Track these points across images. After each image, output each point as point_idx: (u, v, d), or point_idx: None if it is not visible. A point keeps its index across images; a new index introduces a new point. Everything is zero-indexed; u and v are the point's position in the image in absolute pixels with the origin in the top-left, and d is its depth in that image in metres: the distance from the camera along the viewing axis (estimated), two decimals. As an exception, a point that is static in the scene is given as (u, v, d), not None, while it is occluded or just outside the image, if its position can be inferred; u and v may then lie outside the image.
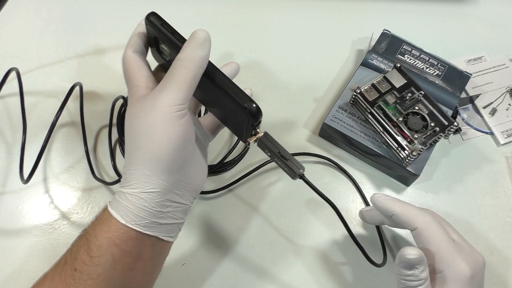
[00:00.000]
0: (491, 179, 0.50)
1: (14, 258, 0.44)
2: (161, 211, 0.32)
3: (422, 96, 0.47)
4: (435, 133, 0.45)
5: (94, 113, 0.52)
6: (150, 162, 0.31)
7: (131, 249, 0.31)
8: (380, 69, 0.52)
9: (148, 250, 0.32)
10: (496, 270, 0.45)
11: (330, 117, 0.49)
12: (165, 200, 0.32)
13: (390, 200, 0.37)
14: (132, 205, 0.31)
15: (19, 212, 0.46)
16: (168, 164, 0.31)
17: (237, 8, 0.62)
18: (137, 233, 0.31)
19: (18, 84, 0.47)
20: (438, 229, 0.34)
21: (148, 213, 0.31)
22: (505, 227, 0.47)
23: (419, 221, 0.34)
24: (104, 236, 0.31)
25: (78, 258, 0.31)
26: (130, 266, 0.32)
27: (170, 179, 0.32)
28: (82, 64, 0.56)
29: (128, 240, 0.31)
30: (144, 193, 0.31)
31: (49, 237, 0.45)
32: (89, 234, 0.32)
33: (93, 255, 0.31)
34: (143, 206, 0.31)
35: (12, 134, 0.50)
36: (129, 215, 0.31)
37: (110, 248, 0.31)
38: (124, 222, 0.31)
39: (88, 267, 0.31)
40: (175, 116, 0.31)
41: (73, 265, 0.31)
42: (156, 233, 0.32)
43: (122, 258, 0.31)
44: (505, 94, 0.55)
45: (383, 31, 0.55)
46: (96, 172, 0.47)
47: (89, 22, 0.59)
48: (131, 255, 0.32)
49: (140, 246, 0.32)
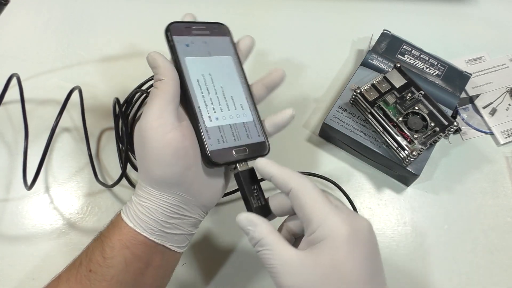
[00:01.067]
0: (491, 179, 0.50)
1: (15, 257, 0.44)
2: (167, 222, 0.33)
3: (422, 96, 0.47)
4: (435, 133, 0.45)
5: (95, 115, 0.51)
6: (149, 180, 0.33)
7: (141, 253, 0.33)
8: (380, 69, 0.52)
9: (157, 258, 0.34)
10: (496, 270, 0.45)
11: (330, 117, 0.49)
12: (170, 212, 0.33)
13: (270, 163, 0.33)
14: (140, 213, 0.33)
15: (20, 211, 0.46)
16: (166, 178, 0.33)
17: (237, 9, 0.62)
18: (145, 239, 0.33)
19: (19, 91, 0.47)
20: (313, 190, 0.31)
21: (154, 222, 0.33)
22: (505, 227, 0.47)
23: (295, 182, 0.31)
24: (117, 239, 0.33)
25: (93, 259, 0.32)
26: (141, 271, 0.33)
27: (172, 193, 0.33)
28: (82, 64, 0.56)
29: (138, 245, 0.32)
30: (149, 204, 0.33)
31: (49, 237, 0.45)
32: (103, 236, 0.34)
33: (107, 256, 0.32)
34: (149, 215, 0.33)
35: (14, 139, 0.50)
36: (137, 221, 0.33)
37: (122, 250, 0.32)
38: (133, 226, 0.33)
39: (102, 268, 0.32)
40: (158, 134, 0.32)
41: (88, 266, 0.32)
42: (163, 242, 0.33)
43: (133, 262, 0.32)
44: (505, 94, 0.55)
45: (383, 31, 0.55)
46: (99, 175, 0.47)
47: (89, 22, 0.59)
48: (142, 260, 0.33)
49: (150, 253, 0.33)
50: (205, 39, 0.38)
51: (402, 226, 0.47)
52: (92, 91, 0.53)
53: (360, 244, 0.29)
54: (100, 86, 0.54)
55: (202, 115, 0.34)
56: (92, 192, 0.48)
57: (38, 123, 0.50)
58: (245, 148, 0.35)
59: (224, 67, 0.37)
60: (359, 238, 0.29)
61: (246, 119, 0.36)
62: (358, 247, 0.28)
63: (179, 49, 0.36)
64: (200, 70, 0.36)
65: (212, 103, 0.35)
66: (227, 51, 0.38)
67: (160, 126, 0.32)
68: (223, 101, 0.36)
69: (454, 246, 0.46)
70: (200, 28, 0.38)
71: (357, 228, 0.29)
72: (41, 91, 0.53)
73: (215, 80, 0.36)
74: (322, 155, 0.51)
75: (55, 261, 0.44)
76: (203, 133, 0.34)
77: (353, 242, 0.28)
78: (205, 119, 0.34)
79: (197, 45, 0.37)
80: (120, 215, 0.34)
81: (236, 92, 0.37)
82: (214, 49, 0.38)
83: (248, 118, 0.37)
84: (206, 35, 0.38)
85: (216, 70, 0.37)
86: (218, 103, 0.36)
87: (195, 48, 0.37)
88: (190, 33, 0.37)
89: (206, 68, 0.36)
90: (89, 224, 0.46)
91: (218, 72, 0.37)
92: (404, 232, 0.47)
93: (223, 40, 0.39)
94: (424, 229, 0.47)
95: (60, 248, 0.44)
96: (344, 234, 0.28)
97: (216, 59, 0.37)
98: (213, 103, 0.35)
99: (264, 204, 0.34)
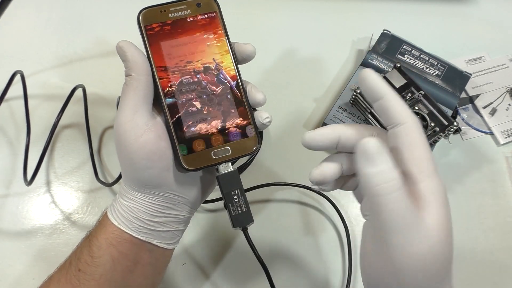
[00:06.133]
0: (491, 179, 0.50)
1: (15, 259, 0.44)
2: (151, 220, 0.33)
3: (422, 96, 0.47)
4: (435, 133, 0.45)
5: (97, 114, 0.52)
6: (129, 181, 0.32)
7: (127, 251, 0.32)
8: (380, 69, 0.52)
9: (145, 256, 0.33)
10: (496, 270, 0.45)
11: (330, 117, 0.49)
12: (154, 212, 0.33)
13: (382, 81, 0.27)
14: (124, 212, 0.32)
15: (22, 213, 0.46)
16: (144, 181, 0.31)
17: (237, 9, 0.62)
18: (130, 236, 0.32)
19: (23, 87, 0.47)
20: (423, 137, 0.26)
21: (138, 221, 0.32)
22: (505, 227, 0.47)
23: (410, 117, 0.26)
24: (103, 237, 0.32)
25: (81, 259, 0.32)
26: (130, 269, 0.32)
27: (153, 194, 0.32)
28: (82, 64, 0.56)
29: (124, 243, 0.32)
30: (132, 204, 0.32)
31: (50, 238, 0.45)
32: (91, 235, 0.33)
33: (94, 255, 0.32)
34: (133, 213, 0.32)
35: (16, 136, 0.50)
36: (121, 219, 0.32)
37: (108, 249, 0.32)
38: (117, 224, 0.32)
39: (91, 267, 0.32)
40: (131, 138, 0.30)
41: (77, 265, 0.32)
42: (150, 239, 0.33)
43: (120, 260, 0.32)
44: (505, 94, 0.55)
45: (383, 31, 0.55)
46: (99, 174, 0.47)
47: (89, 22, 0.59)
48: (129, 258, 0.32)
49: (137, 250, 0.33)
50: (185, 20, 0.32)
51: (402, 226, 0.47)
52: (93, 91, 0.53)
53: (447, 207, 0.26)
54: (100, 86, 0.54)
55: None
56: (92, 191, 0.48)
57: (40, 122, 0.50)
58: (227, 148, 0.32)
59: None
60: (447, 205, 0.26)
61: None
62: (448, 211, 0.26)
63: (152, 39, 0.31)
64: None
65: None
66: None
67: (133, 129, 0.30)
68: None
69: (454, 246, 0.46)
70: (179, 8, 0.32)
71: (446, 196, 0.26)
72: (41, 91, 0.53)
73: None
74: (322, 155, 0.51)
75: (55, 261, 0.43)
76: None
77: (448, 206, 0.26)
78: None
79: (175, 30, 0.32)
80: (106, 214, 0.34)
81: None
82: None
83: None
84: (187, 16, 0.32)
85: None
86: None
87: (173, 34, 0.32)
88: (166, 18, 0.31)
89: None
90: (89, 224, 0.46)
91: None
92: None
93: (209, 18, 0.33)
94: (424, 229, 0.47)
95: (60, 248, 0.44)
96: (445, 196, 0.26)
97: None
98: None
99: (245, 211, 0.32)
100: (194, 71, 0.32)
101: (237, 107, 0.32)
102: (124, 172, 0.33)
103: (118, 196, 0.34)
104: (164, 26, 0.31)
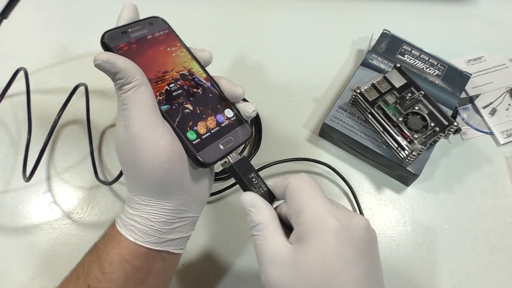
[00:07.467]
0: (491, 179, 0.50)
1: (14, 257, 0.44)
2: (169, 228, 0.32)
3: (422, 96, 0.47)
4: (435, 133, 0.45)
5: (98, 114, 0.51)
6: (145, 190, 0.31)
7: (142, 264, 0.32)
8: (380, 69, 0.52)
9: (159, 265, 0.33)
10: (496, 270, 0.45)
11: (330, 117, 0.49)
12: (172, 218, 0.32)
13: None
14: (139, 225, 0.32)
15: (20, 211, 0.46)
16: (163, 187, 0.31)
17: (237, 9, 0.62)
18: (147, 249, 0.32)
19: (26, 84, 0.47)
20: (311, 185, 0.29)
21: (156, 231, 0.32)
22: (505, 227, 0.47)
23: (293, 177, 0.30)
24: (115, 253, 0.31)
25: (91, 274, 0.31)
26: (142, 280, 0.32)
27: (171, 199, 0.32)
28: (82, 64, 0.56)
29: (138, 257, 0.31)
30: (147, 215, 0.32)
31: (49, 237, 0.45)
32: (100, 250, 0.32)
33: (106, 272, 0.31)
34: (150, 225, 0.32)
35: (17, 133, 0.51)
36: (137, 233, 0.31)
37: (121, 264, 0.31)
38: (133, 240, 0.31)
39: (102, 283, 0.31)
40: (151, 142, 0.30)
41: (86, 281, 0.31)
42: (166, 247, 0.33)
43: (134, 273, 0.31)
44: (505, 94, 0.55)
45: (383, 31, 0.55)
46: (99, 173, 0.47)
47: (89, 22, 0.59)
48: (142, 269, 0.32)
49: (151, 261, 0.32)
50: (146, 38, 0.35)
51: (402, 226, 0.47)
52: (93, 91, 0.53)
53: (353, 242, 0.27)
54: (101, 86, 0.54)
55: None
56: (92, 191, 0.48)
57: (40, 121, 0.50)
58: (230, 138, 0.34)
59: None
60: (352, 234, 0.27)
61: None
62: (350, 244, 0.26)
63: (126, 57, 0.32)
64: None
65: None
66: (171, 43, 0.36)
67: (151, 134, 0.30)
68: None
69: (454, 246, 0.46)
70: (136, 28, 0.34)
71: (350, 225, 0.27)
72: (42, 90, 0.53)
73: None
74: (322, 155, 0.51)
75: (55, 261, 0.44)
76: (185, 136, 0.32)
77: (344, 238, 0.26)
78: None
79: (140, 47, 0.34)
80: (115, 227, 0.32)
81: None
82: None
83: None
84: (146, 34, 0.35)
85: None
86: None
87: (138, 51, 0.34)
88: (129, 38, 0.33)
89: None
90: (89, 224, 0.46)
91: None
92: (404, 232, 0.47)
93: (164, 34, 0.36)
94: (424, 229, 0.47)
95: (60, 248, 0.44)
96: (334, 227, 0.26)
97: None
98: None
99: (266, 190, 0.33)
100: (173, 79, 0.34)
101: (221, 102, 0.35)
102: (139, 181, 0.31)
103: (127, 208, 0.33)
104: (131, 45, 0.33)
